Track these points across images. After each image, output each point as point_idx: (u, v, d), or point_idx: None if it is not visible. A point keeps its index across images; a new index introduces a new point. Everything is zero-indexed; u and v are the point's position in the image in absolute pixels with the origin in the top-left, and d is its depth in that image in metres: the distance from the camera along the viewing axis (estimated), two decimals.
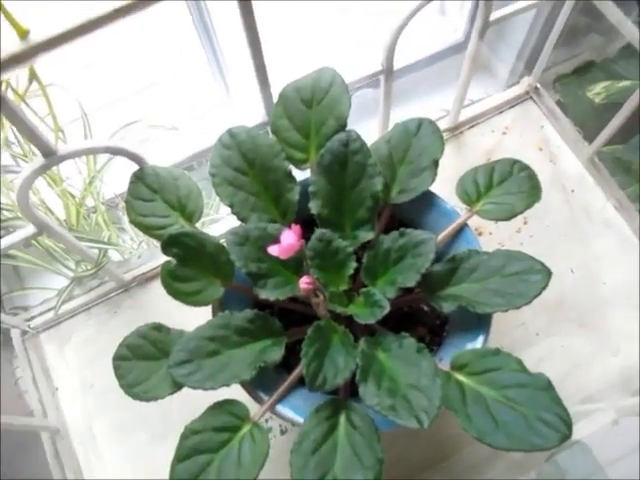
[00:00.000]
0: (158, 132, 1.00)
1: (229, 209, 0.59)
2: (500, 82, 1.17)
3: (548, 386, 0.51)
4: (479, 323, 0.58)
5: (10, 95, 0.57)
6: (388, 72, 0.71)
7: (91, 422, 0.80)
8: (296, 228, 0.50)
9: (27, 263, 0.91)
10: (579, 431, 0.64)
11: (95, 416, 0.80)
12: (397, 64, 0.72)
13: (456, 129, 0.92)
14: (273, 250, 0.50)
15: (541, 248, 0.84)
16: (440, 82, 1.22)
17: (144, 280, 0.86)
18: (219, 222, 0.90)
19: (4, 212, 0.86)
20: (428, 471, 0.73)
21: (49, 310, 0.85)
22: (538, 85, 0.94)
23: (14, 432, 0.77)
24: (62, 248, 0.89)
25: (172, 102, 1.28)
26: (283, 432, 0.77)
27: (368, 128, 0.74)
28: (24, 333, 0.85)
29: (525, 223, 0.86)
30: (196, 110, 1.26)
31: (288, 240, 0.49)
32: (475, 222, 0.81)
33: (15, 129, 0.73)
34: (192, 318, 0.57)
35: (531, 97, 0.94)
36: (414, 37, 1.22)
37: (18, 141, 0.80)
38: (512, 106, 0.94)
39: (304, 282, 0.51)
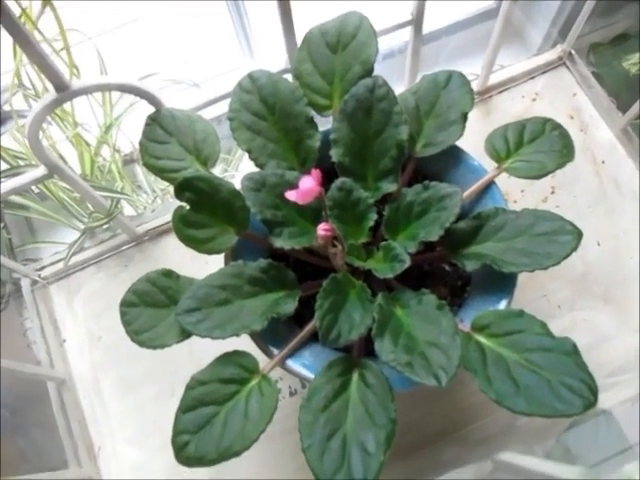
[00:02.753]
0: (178, 88, 0.98)
1: (248, 165, 0.57)
2: (532, 50, 1.13)
3: (573, 351, 0.48)
4: (503, 285, 0.55)
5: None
6: (418, 24, 0.68)
7: (97, 375, 0.78)
8: (316, 173, 0.47)
9: (40, 215, 0.89)
10: (604, 402, 0.62)
11: (102, 369, 0.79)
12: (425, 29, 0.69)
13: (485, 93, 0.88)
14: (291, 195, 0.47)
15: (567, 218, 0.81)
16: (468, 50, 1.18)
17: (156, 234, 0.84)
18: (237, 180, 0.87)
19: (17, 160, 0.84)
20: (441, 440, 0.71)
21: (59, 261, 0.83)
22: (572, 51, 0.90)
23: (24, 382, 0.76)
24: (76, 200, 0.87)
25: (194, 63, 1.27)
26: (292, 394, 0.75)
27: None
28: (34, 283, 0.83)
29: (552, 192, 0.83)
30: (218, 70, 1.25)
31: (307, 184, 0.47)
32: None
33: (28, 67, 0.70)
34: (204, 273, 0.55)
35: (564, 63, 0.90)
36: (444, 1, 1.18)
37: (33, 86, 0.78)
38: (544, 72, 0.90)
39: (322, 229, 0.48)
